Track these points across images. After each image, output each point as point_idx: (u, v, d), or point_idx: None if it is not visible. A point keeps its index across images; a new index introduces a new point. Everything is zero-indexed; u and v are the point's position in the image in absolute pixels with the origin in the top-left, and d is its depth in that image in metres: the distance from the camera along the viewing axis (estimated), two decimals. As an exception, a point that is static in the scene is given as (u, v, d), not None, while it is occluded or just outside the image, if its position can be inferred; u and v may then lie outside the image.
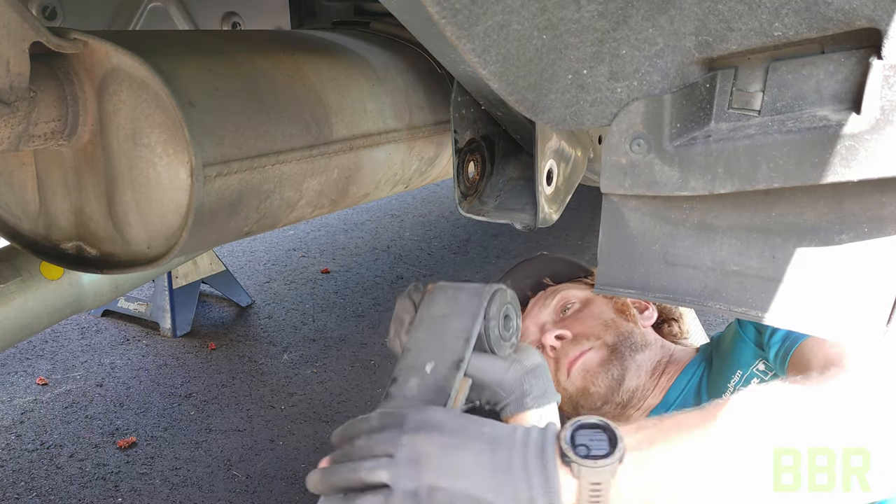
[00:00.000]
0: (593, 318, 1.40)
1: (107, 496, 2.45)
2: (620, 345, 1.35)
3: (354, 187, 1.27)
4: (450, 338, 0.88)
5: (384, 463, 0.71)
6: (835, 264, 0.73)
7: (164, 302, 3.44)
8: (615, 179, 0.75)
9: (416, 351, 0.90)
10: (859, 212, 0.70)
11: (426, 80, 1.38)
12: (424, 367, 0.87)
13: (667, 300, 0.83)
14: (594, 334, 1.36)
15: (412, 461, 0.71)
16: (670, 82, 0.69)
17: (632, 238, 0.81)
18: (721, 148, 0.69)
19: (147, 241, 0.99)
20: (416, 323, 0.93)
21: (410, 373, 0.87)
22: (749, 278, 0.77)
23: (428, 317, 0.93)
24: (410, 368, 0.88)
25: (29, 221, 1.06)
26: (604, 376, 1.33)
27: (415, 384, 0.86)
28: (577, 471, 0.71)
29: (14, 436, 2.74)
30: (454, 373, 0.85)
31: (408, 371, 0.88)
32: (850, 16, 0.62)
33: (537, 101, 0.74)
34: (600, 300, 1.44)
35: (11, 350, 3.22)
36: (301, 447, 2.73)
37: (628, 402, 1.35)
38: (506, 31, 0.70)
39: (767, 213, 0.74)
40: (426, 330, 0.91)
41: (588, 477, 0.70)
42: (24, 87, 0.84)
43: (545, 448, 0.72)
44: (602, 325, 1.38)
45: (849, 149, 0.64)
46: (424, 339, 0.91)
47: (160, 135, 0.92)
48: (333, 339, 3.48)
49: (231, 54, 1.06)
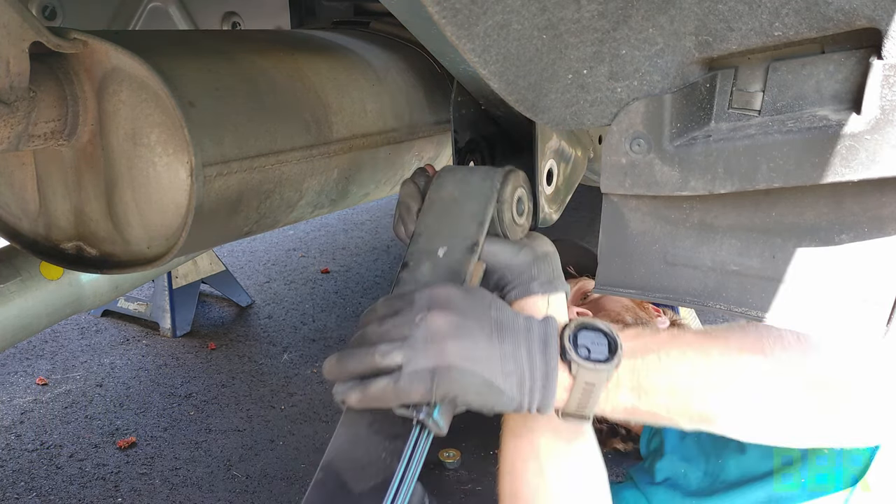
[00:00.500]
0: (613, 302, 1.48)
1: (107, 496, 2.45)
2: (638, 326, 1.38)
3: (354, 187, 1.27)
4: (462, 221, 0.87)
5: (398, 345, 0.72)
6: (835, 264, 0.73)
7: (164, 302, 3.43)
8: (615, 179, 0.75)
9: (428, 235, 0.87)
10: (859, 212, 0.70)
11: (426, 80, 1.38)
12: (437, 251, 0.85)
13: (667, 300, 0.83)
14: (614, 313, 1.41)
15: (427, 340, 0.71)
16: (670, 82, 0.69)
17: (632, 238, 0.81)
18: (721, 148, 0.69)
19: (147, 241, 0.99)
20: (425, 207, 0.90)
21: (422, 257, 0.86)
22: (749, 278, 0.77)
23: (438, 200, 0.90)
24: (422, 253, 0.86)
25: (29, 221, 1.06)
26: None
27: (427, 269, 0.84)
28: (575, 370, 0.74)
29: (14, 436, 2.74)
30: (468, 256, 0.84)
31: (419, 255, 0.86)
32: (850, 16, 0.62)
33: (537, 100, 0.74)
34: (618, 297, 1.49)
35: (11, 350, 3.22)
36: (301, 447, 2.73)
37: None
38: (506, 30, 0.70)
39: (767, 213, 0.74)
40: (436, 214, 0.89)
41: (584, 377, 0.74)
42: (24, 87, 0.84)
43: (549, 343, 0.75)
44: (622, 308, 1.46)
45: (849, 149, 0.64)
46: (435, 223, 0.88)
47: (160, 135, 0.91)
48: (333, 339, 3.48)
49: (231, 54, 1.05)
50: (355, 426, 0.76)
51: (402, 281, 0.85)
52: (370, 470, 0.73)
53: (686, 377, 0.77)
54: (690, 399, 0.78)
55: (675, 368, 0.77)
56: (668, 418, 0.79)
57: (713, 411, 0.78)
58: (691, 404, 0.78)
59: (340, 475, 0.73)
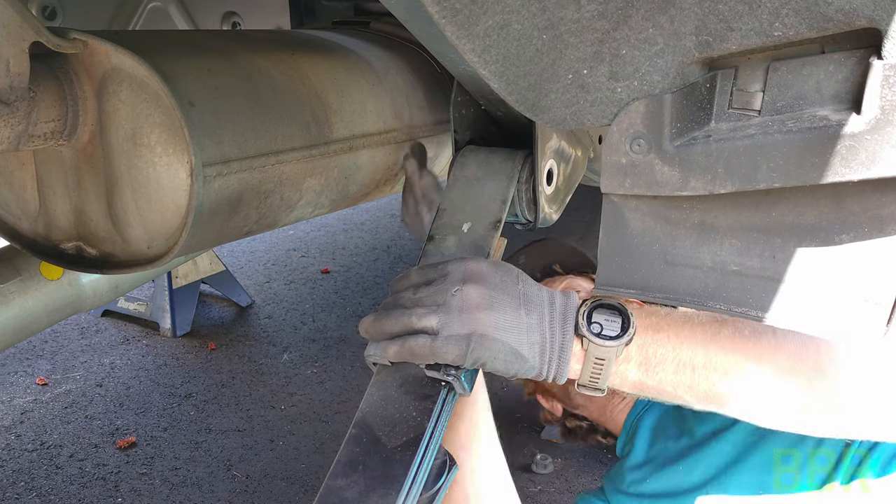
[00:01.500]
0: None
1: (107, 496, 2.45)
2: None
3: (354, 187, 1.27)
4: (486, 199, 0.93)
5: (434, 310, 0.78)
6: (835, 264, 0.73)
7: (164, 302, 3.43)
8: (615, 179, 0.75)
9: (452, 211, 0.94)
10: (859, 212, 0.70)
11: (426, 80, 1.38)
12: (461, 226, 0.91)
13: (667, 300, 0.83)
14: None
15: (462, 309, 0.77)
16: (670, 82, 0.69)
17: (632, 238, 0.81)
18: (721, 148, 0.69)
19: (147, 241, 0.99)
20: (449, 184, 0.97)
21: (448, 231, 0.92)
22: (749, 278, 0.77)
23: (462, 178, 0.96)
24: (447, 227, 0.92)
25: (29, 221, 1.06)
26: None
27: (452, 242, 0.91)
28: (587, 345, 0.80)
29: (14, 436, 2.74)
30: (492, 232, 0.90)
31: (445, 230, 0.92)
32: (850, 16, 0.62)
33: (537, 100, 0.74)
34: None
35: (11, 350, 3.22)
36: (301, 447, 2.73)
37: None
38: (506, 30, 0.70)
39: (768, 212, 0.74)
40: (460, 191, 0.95)
41: (595, 352, 0.80)
42: (24, 87, 0.84)
43: (567, 318, 0.81)
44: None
45: (849, 148, 0.64)
46: (459, 199, 0.94)
47: (160, 135, 0.91)
48: (333, 339, 3.48)
49: (231, 54, 1.05)
50: (386, 387, 0.82)
51: (429, 253, 0.91)
52: (402, 427, 0.78)
53: (693, 356, 0.80)
54: (697, 377, 0.80)
55: (683, 347, 0.81)
56: (675, 395, 0.82)
57: (721, 392, 0.81)
58: (698, 383, 0.81)
59: (374, 431, 0.79)
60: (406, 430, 0.78)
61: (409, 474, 0.75)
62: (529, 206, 0.93)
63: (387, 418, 0.79)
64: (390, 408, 0.80)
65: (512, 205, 0.93)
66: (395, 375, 0.82)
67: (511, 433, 2.78)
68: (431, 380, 0.80)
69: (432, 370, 0.80)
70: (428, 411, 0.79)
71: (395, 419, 0.79)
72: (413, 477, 0.75)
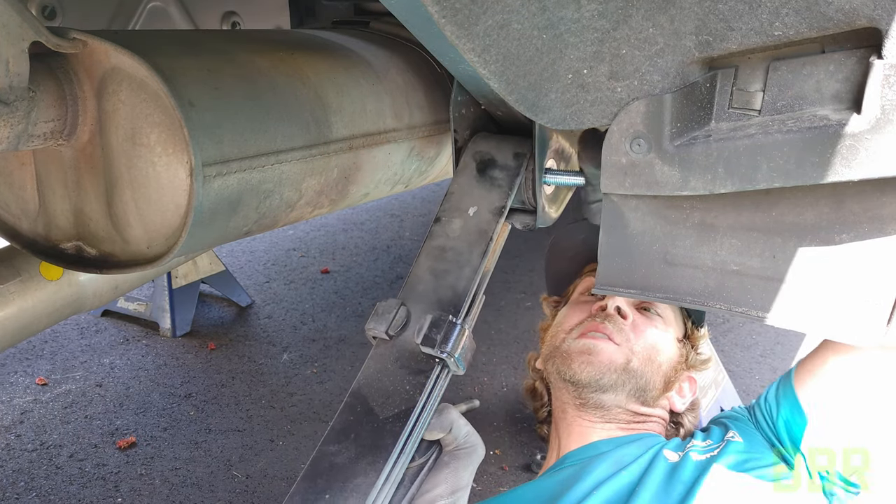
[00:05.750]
0: (659, 339, 1.25)
1: (106, 496, 2.45)
2: (648, 374, 1.21)
3: (354, 187, 1.27)
4: (493, 185, 0.98)
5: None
6: (835, 264, 0.73)
7: (163, 302, 3.43)
8: (615, 179, 0.75)
9: (460, 194, 0.98)
10: (859, 212, 0.70)
11: (426, 80, 1.38)
12: (468, 210, 0.95)
13: (667, 300, 0.83)
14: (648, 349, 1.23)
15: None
16: (671, 82, 0.69)
17: (632, 238, 0.81)
18: (721, 147, 0.69)
19: (147, 241, 0.99)
20: (460, 168, 1.01)
21: (454, 214, 0.96)
22: (749, 278, 0.77)
23: (471, 163, 1.01)
24: (454, 210, 0.96)
25: (28, 221, 1.06)
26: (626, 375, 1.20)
27: (458, 225, 0.95)
28: None
29: (14, 436, 2.74)
30: (497, 218, 0.94)
31: (451, 212, 0.96)
32: (850, 15, 0.61)
33: (537, 100, 0.74)
34: (673, 337, 1.29)
35: (11, 350, 3.22)
36: (301, 447, 2.72)
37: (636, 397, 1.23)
38: (506, 30, 0.70)
39: (768, 212, 0.74)
40: (469, 175, 1.00)
41: None
42: (24, 86, 0.84)
43: None
44: (656, 350, 1.23)
45: (849, 148, 0.64)
46: (467, 184, 0.99)
47: (160, 134, 0.91)
48: (333, 339, 3.48)
49: (231, 54, 1.05)
50: (383, 360, 0.85)
51: (434, 234, 0.95)
52: (395, 399, 0.82)
53: None
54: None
55: None
56: None
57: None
58: None
59: (368, 401, 0.83)
60: (398, 402, 0.82)
61: (398, 444, 0.79)
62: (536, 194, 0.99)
63: (381, 390, 0.83)
64: (385, 380, 0.84)
65: (518, 192, 0.97)
66: (393, 350, 0.86)
67: (511, 433, 2.78)
68: (426, 356, 0.84)
69: (427, 347, 0.83)
70: (420, 386, 0.82)
71: (388, 391, 0.83)
72: (402, 447, 0.79)
